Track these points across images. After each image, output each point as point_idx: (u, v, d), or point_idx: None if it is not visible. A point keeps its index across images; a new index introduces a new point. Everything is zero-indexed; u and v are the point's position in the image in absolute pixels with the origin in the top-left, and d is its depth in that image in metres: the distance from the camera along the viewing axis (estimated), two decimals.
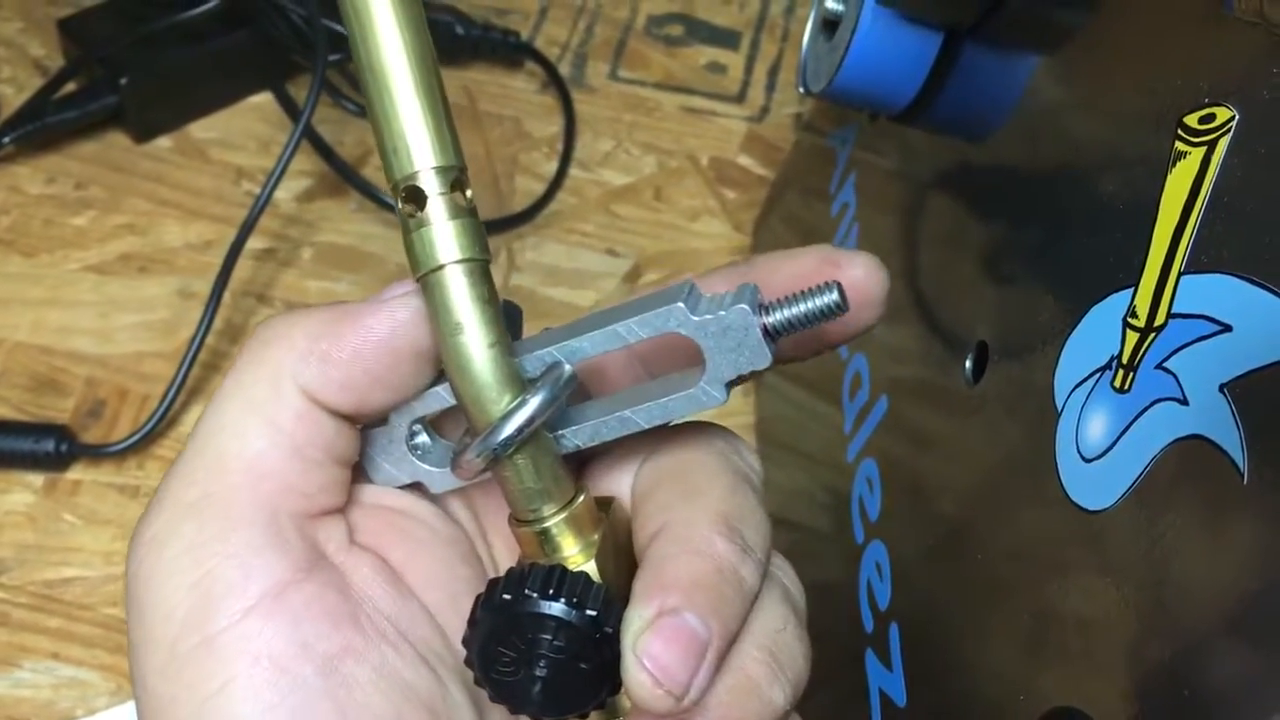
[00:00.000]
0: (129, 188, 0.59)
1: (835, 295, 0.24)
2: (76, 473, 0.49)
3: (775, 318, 0.24)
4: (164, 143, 0.61)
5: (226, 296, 0.53)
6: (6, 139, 0.58)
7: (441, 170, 0.23)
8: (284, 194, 0.60)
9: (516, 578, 0.24)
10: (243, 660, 0.23)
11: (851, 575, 0.39)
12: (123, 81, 0.58)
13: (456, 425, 0.27)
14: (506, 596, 0.23)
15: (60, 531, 0.48)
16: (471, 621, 0.24)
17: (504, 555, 0.28)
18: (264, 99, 0.64)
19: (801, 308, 0.24)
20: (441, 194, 0.23)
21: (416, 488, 0.27)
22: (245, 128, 0.63)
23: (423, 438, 0.26)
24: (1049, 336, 0.29)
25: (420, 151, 0.23)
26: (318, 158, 0.59)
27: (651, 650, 0.22)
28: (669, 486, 0.26)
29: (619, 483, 0.27)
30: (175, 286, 0.56)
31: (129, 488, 0.49)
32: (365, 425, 0.26)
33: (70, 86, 0.60)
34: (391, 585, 0.25)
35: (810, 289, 0.24)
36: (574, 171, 0.63)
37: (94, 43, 0.59)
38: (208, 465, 0.24)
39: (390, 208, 0.58)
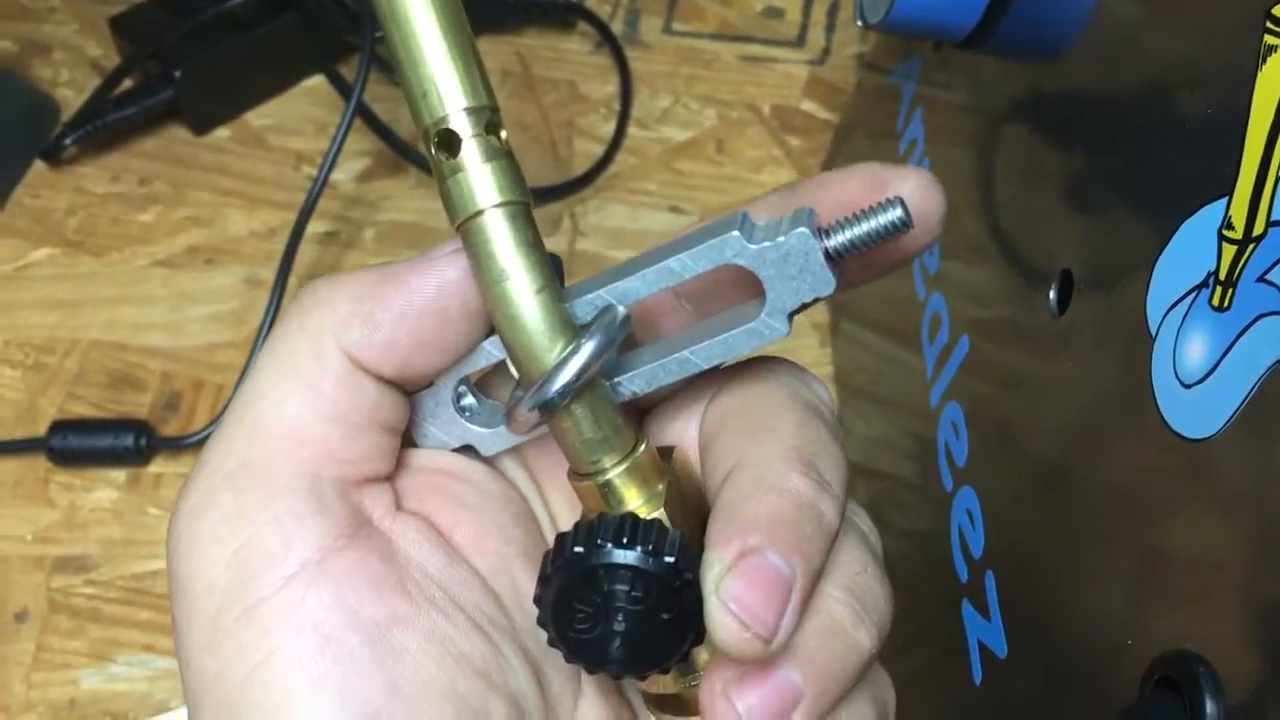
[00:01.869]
0: (191, 180, 0.59)
1: (899, 212, 0.22)
2: (158, 466, 0.50)
3: (836, 240, 0.23)
4: (222, 133, 0.61)
5: (292, 281, 0.53)
6: (69, 140, 0.58)
7: (473, 111, 0.22)
8: (343, 175, 0.59)
9: (587, 529, 0.22)
10: (287, 630, 0.22)
11: (942, 524, 0.37)
12: (177, 74, 0.58)
13: (503, 384, 0.26)
14: (579, 549, 0.22)
15: (146, 525, 0.48)
16: (543, 579, 0.22)
17: (565, 515, 0.27)
18: (317, 82, 0.63)
19: (863, 227, 0.23)
20: (475, 135, 0.22)
21: (467, 450, 0.26)
22: (301, 112, 0.62)
23: (469, 399, 0.25)
24: (1138, 258, 0.27)
25: (450, 93, 0.21)
26: (374, 137, 0.59)
27: (735, 592, 0.21)
28: (736, 426, 0.24)
29: (683, 431, 0.26)
30: (242, 276, 0.56)
31: None
32: (413, 390, 0.25)
33: (127, 84, 0.60)
34: (440, 550, 0.24)
35: (871, 207, 0.23)
36: (633, 130, 0.62)
37: (146, 38, 0.60)
38: (246, 433, 0.23)
39: None
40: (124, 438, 0.48)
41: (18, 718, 0.44)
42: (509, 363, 0.24)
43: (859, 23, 0.42)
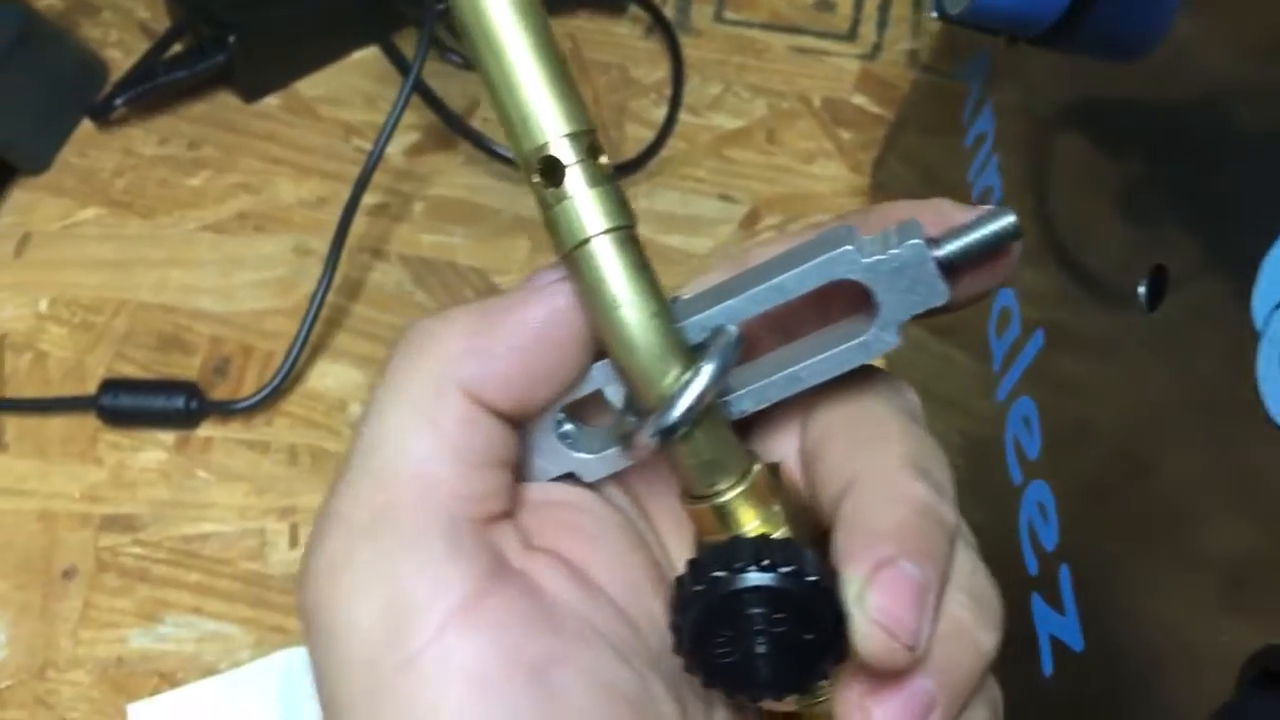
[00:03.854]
0: (241, 147, 0.59)
1: (1011, 219, 0.23)
2: (207, 430, 0.50)
3: (948, 250, 0.23)
4: (272, 101, 0.61)
5: (342, 252, 0.53)
6: (119, 101, 0.58)
7: (575, 136, 0.21)
8: (393, 148, 0.59)
9: (723, 553, 0.22)
10: (447, 679, 0.21)
11: (1008, 518, 0.37)
12: (231, 40, 0.58)
13: (596, 410, 0.25)
14: (719, 574, 0.22)
15: (194, 488, 0.48)
16: (679, 606, 0.22)
17: (671, 538, 0.26)
18: (367, 54, 0.63)
19: (975, 235, 0.23)
20: (579, 162, 0.21)
21: (569, 479, 0.25)
22: (351, 84, 0.62)
23: (569, 426, 0.25)
24: (1243, 255, 0.28)
25: (549, 119, 0.21)
26: (425, 111, 0.58)
27: (879, 604, 0.21)
28: (843, 439, 0.24)
29: (783, 445, 0.26)
30: (291, 244, 0.56)
31: (259, 443, 0.50)
32: (523, 424, 0.24)
33: (178, 47, 0.59)
34: (577, 584, 0.24)
35: (980, 216, 0.23)
36: (683, 117, 0.61)
37: (200, 2, 0.59)
38: (375, 479, 0.23)
39: (502, 158, 0.57)
40: (175, 399, 0.48)
41: (65, 674, 0.44)
42: (606, 390, 0.24)
43: (934, 14, 0.42)
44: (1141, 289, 0.32)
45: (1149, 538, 0.30)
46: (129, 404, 0.48)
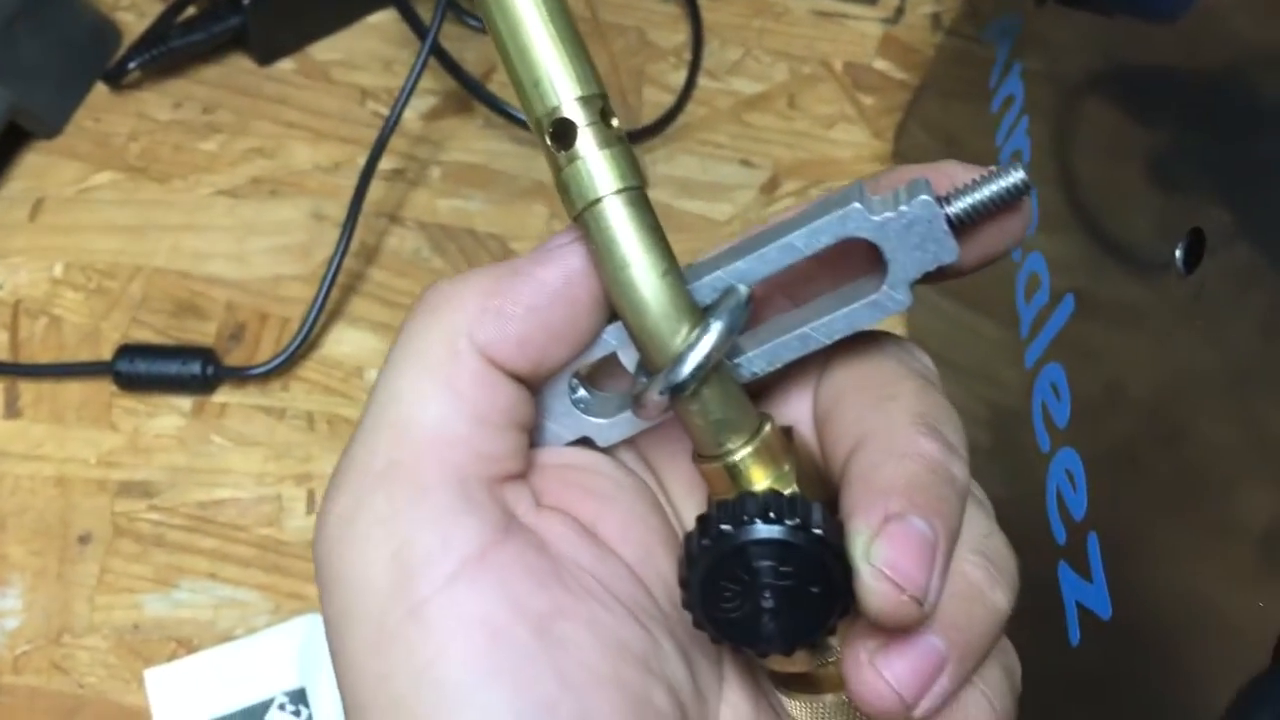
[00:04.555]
0: (255, 111, 0.58)
1: (1021, 175, 0.22)
2: (223, 395, 0.49)
3: (958, 206, 0.23)
4: (287, 65, 0.60)
5: (360, 219, 0.52)
6: (133, 64, 0.57)
7: (586, 99, 0.22)
8: (410, 113, 0.58)
9: (731, 507, 0.22)
10: (454, 627, 0.22)
11: (1035, 486, 0.37)
12: (245, 2, 0.57)
13: (609, 375, 0.26)
14: (726, 527, 0.22)
15: (210, 453, 0.48)
16: (687, 561, 0.22)
17: (685, 503, 0.27)
18: (381, 18, 0.62)
19: (985, 192, 0.23)
20: (591, 124, 0.22)
21: (584, 443, 0.25)
22: (366, 48, 0.61)
23: (582, 391, 0.25)
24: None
25: (562, 82, 0.22)
26: (442, 76, 0.58)
27: (887, 558, 0.21)
28: (855, 399, 0.24)
29: (795, 409, 0.26)
30: (307, 209, 0.55)
31: (275, 410, 0.49)
32: (539, 387, 0.24)
33: (191, 10, 0.59)
34: (588, 542, 0.24)
35: (989, 172, 0.23)
36: (703, 81, 0.61)
37: None
38: (390, 434, 0.23)
39: (520, 123, 0.56)
40: (191, 365, 0.48)
41: (81, 639, 0.44)
42: (619, 353, 0.24)
43: None
44: (1179, 252, 0.31)
45: (1181, 504, 0.30)
46: (145, 369, 0.48)
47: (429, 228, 0.55)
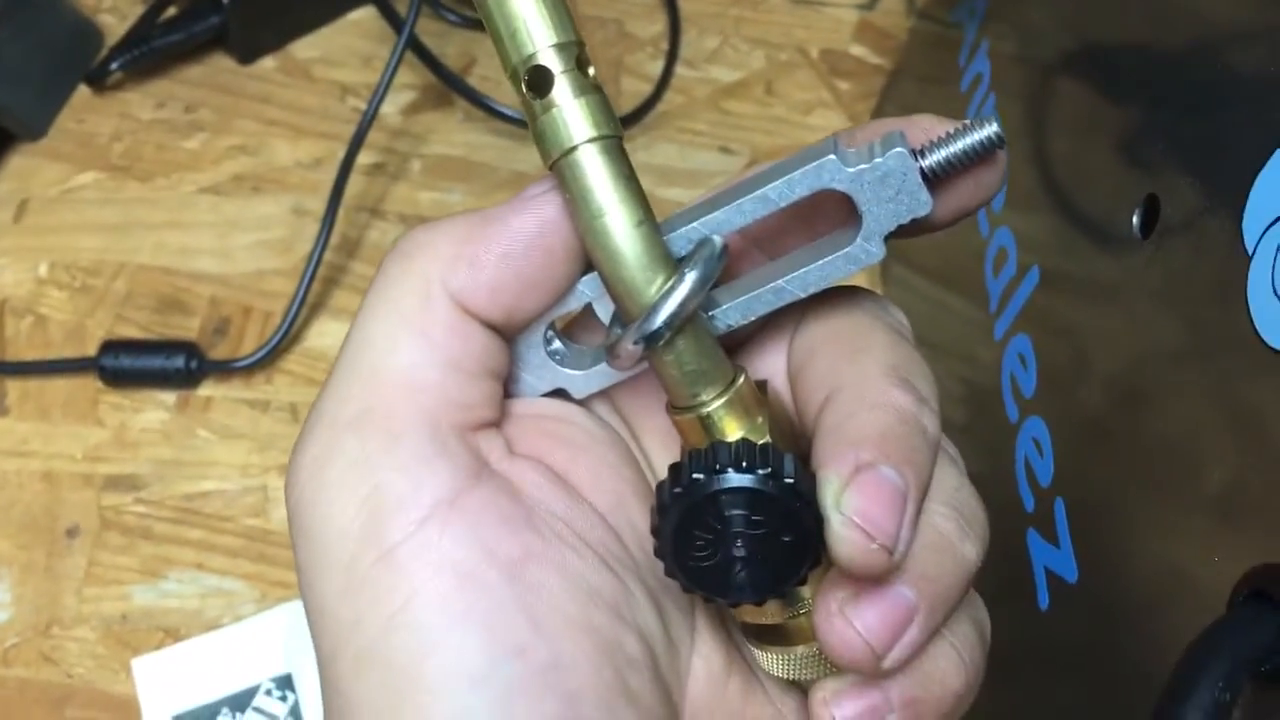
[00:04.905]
0: (237, 109, 0.59)
1: (994, 128, 0.23)
2: (207, 389, 0.50)
3: (932, 159, 0.23)
4: (268, 63, 0.61)
5: (340, 211, 0.53)
6: (115, 65, 0.58)
7: (563, 47, 0.22)
8: (389, 108, 0.59)
9: (704, 456, 0.22)
10: (425, 571, 0.22)
11: (1005, 456, 0.37)
12: (225, 2, 0.58)
13: (585, 328, 0.26)
14: (698, 476, 0.22)
15: (195, 446, 0.48)
16: (660, 509, 0.22)
17: (659, 455, 0.27)
18: (362, 15, 0.63)
19: (958, 145, 0.23)
20: (566, 71, 0.22)
21: (559, 395, 0.26)
22: (346, 44, 0.62)
23: (558, 343, 0.25)
24: (1232, 179, 0.27)
25: (539, 30, 0.22)
26: (421, 70, 0.58)
27: (857, 506, 0.21)
28: (828, 351, 0.24)
29: (770, 363, 0.26)
30: (289, 205, 0.56)
31: (259, 402, 0.50)
32: (513, 336, 0.25)
33: (172, 11, 0.59)
34: (560, 489, 0.24)
35: (964, 125, 0.23)
36: (681, 70, 0.61)
37: None
38: (362, 381, 0.23)
39: (499, 115, 0.57)
40: (175, 359, 0.49)
41: (70, 630, 0.44)
42: (594, 305, 0.24)
43: None
44: (1135, 219, 0.31)
45: (1143, 468, 0.30)
46: (129, 365, 0.49)
47: (410, 220, 0.56)
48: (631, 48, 0.62)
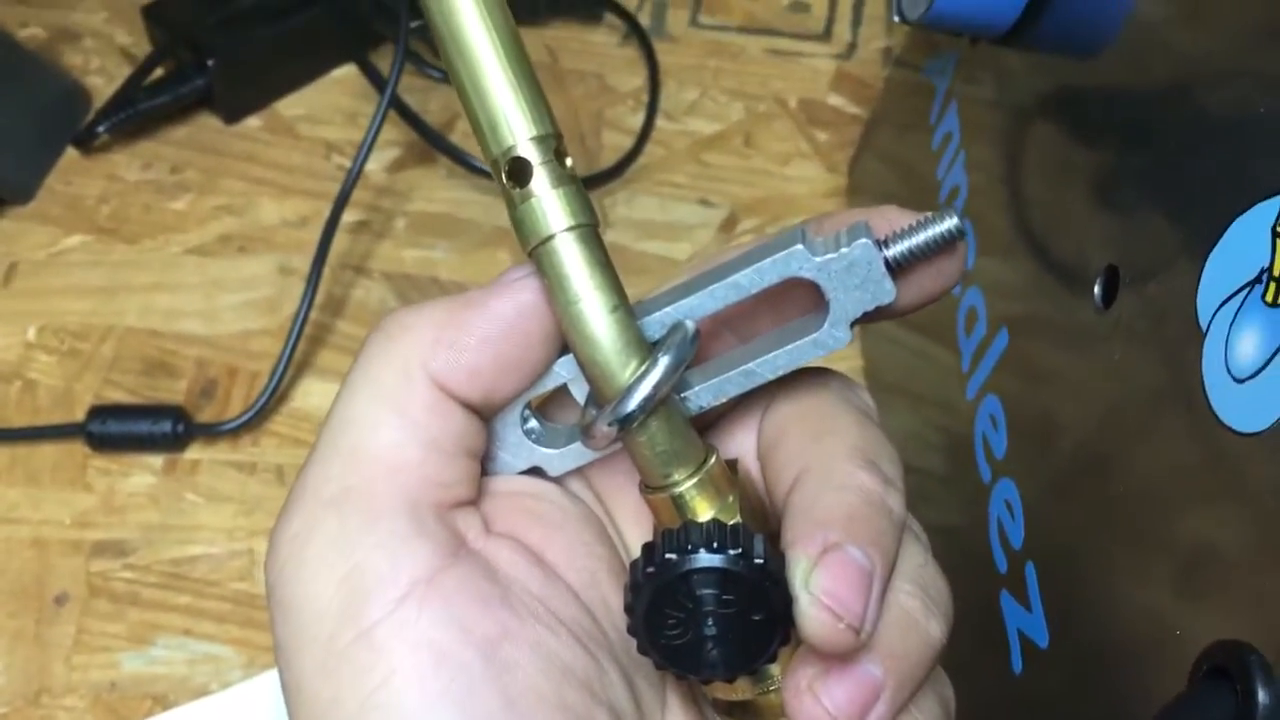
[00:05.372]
0: (223, 169, 0.60)
1: (954, 221, 0.24)
2: (194, 452, 0.50)
3: (895, 250, 0.24)
4: (253, 122, 0.62)
5: (325, 270, 0.53)
6: (101, 128, 0.58)
7: (541, 139, 0.22)
8: (374, 165, 0.60)
9: (676, 536, 0.23)
10: (402, 650, 0.22)
11: (979, 516, 0.38)
12: (210, 63, 0.59)
13: (561, 407, 0.27)
14: (670, 555, 0.23)
15: (183, 510, 0.49)
16: (633, 588, 0.23)
17: (632, 533, 0.27)
18: (347, 72, 0.64)
19: (920, 237, 0.24)
20: (544, 163, 0.22)
21: (536, 472, 0.26)
22: (331, 102, 0.63)
23: (534, 422, 0.26)
24: (1188, 254, 0.28)
25: (518, 124, 0.22)
26: (405, 127, 0.59)
27: (825, 586, 0.22)
28: (797, 433, 0.25)
29: (740, 443, 0.27)
30: (275, 264, 0.56)
31: (246, 464, 0.50)
32: (490, 417, 0.25)
33: (159, 73, 0.60)
34: (536, 567, 0.25)
35: (925, 218, 0.24)
36: (661, 123, 0.62)
37: (179, 27, 0.60)
38: (343, 459, 0.23)
39: (482, 172, 0.58)
40: (162, 423, 0.49)
41: (59, 699, 0.44)
42: (570, 386, 0.25)
43: (896, 18, 0.43)
44: (1097, 289, 0.32)
45: (1108, 535, 0.30)
46: (116, 430, 0.49)
47: (394, 278, 0.56)
48: (612, 101, 0.63)
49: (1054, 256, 0.36)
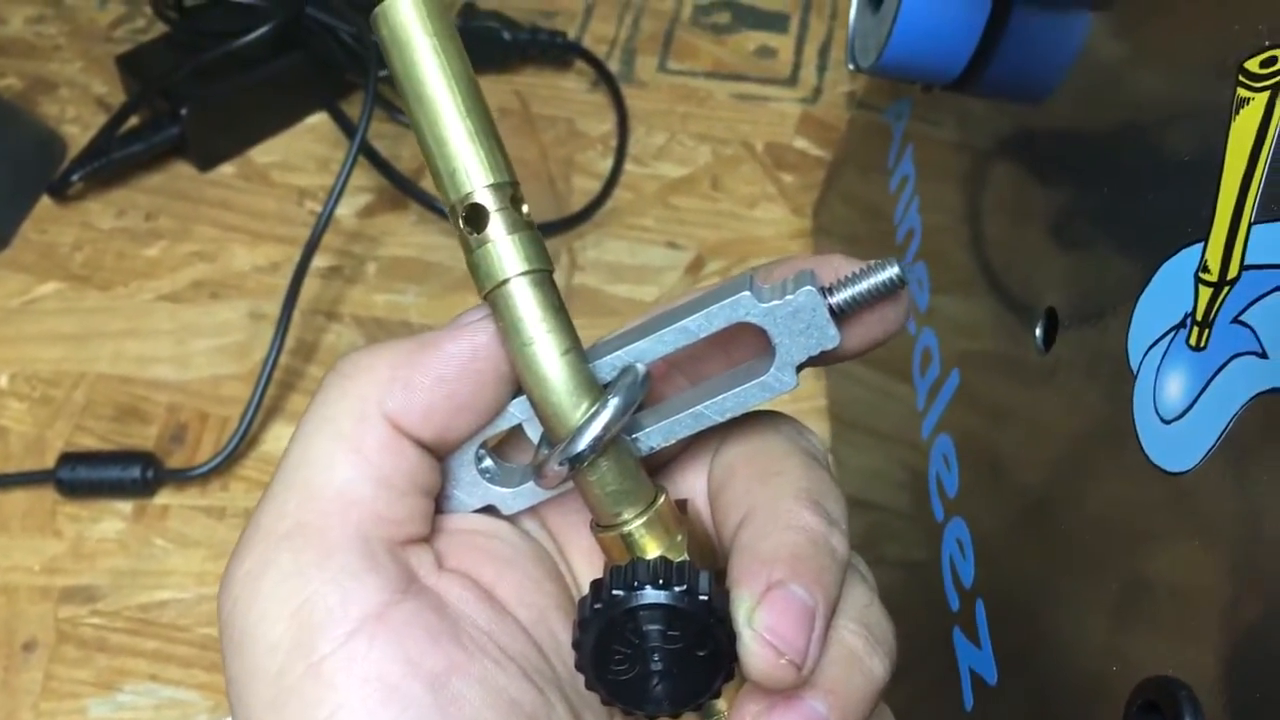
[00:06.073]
0: (196, 215, 0.60)
1: (895, 270, 0.24)
2: (164, 498, 0.51)
3: (839, 297, 0.24)
4: (227, 169, 0.62)
5: (296, 316, 0.54)
6: (76, 176, 0.59)
7: (498, 187, 0.23)
8: (345, 210, 0.60)
9: (623, 573, 0.23)
10: (351, 683, 0.22)
11: (934, 554, 0.38)
12: (183, 112, 0.60)
13: (515, 447, 0.27)
14: (617, 592, 0.23)
15: (152, 556, 0.49)
16: (581, 624, 0.24)
17: (584, 571, 0.28)
18: (320, 119, 0.65)
19: (863, 285, 0.24)
20: (500, 210, 0.23)
21: (490, 511, 0.27)
22: (304, 149, 0.63)
23: (489, 462, 0.26)
24: (1119, 298, 0.29)
25: (475, 171, 0.23)
26: (376, 173, 0.60)
27: (768, 623, 0.22)
28: (745, 473, 0.26)
29: (691, 484, 0.27)
30: (246, 310, 0.57)
31: (215, 509, 0.50)
32: (444, 455, 0.26)
33: (133, 121, 0.61)
34: (485, 603, 0.25)
35: (868, 266, 0.25)
36: (629, 167, 0.63)
37: (153, 76, 0.61)
38: (298, 496, 0.24)
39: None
40: (131, 469, 0.49)
41: None
42: (524, 426, 0.25)
43: (851, 66, 0.44)
44: (1038, 331, 0.33)
45: (1053, 573, 0.31)
46: (86, 476, 0.49)
47: (365, 322, 0.57)
48: (582, 146, 0.64)
49: (1002, 298, 0.37)
